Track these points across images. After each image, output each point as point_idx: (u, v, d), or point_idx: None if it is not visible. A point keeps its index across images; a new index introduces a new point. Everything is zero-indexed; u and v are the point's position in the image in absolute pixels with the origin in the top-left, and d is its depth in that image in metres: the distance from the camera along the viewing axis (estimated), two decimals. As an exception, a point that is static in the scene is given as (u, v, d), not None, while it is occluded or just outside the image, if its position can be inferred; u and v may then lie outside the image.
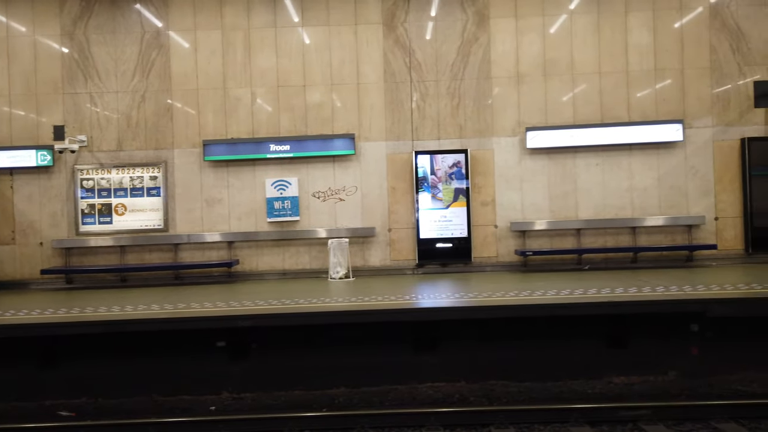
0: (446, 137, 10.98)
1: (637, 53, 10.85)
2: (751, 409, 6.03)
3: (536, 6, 10.90)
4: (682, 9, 10.80)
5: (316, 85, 11.02)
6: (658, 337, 7.54)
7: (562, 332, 7.65)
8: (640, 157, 10.85)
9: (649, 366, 7.53)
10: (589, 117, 10.86)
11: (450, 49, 10.97)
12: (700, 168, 10.80)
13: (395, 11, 10.98)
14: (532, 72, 10.94)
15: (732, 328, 7.39)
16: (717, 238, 10.75)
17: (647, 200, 10.83)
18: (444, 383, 7.53)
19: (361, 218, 11.00)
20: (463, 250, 10.81)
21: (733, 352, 7.44)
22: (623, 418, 6.06)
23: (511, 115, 10.95)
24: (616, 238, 10.87)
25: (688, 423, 5.95)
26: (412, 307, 7.54)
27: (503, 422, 5.99)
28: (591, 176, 10.89)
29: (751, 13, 10.71)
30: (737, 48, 10.73)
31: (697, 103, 10.80)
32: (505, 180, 10.95)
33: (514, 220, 10.89)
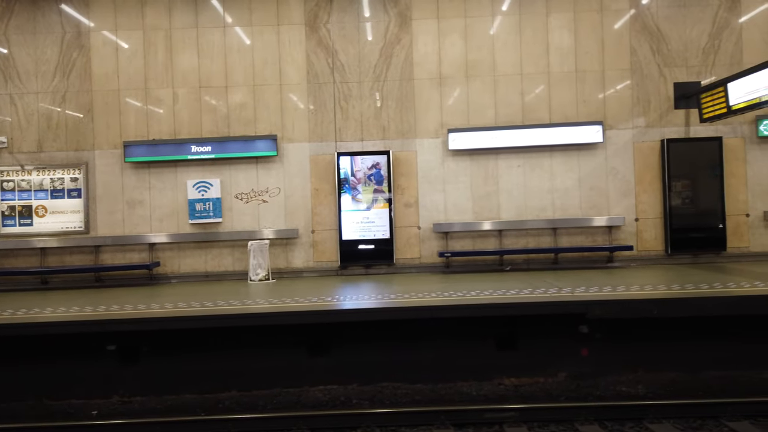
0: (370, 138, 10.97)
1: (559, 55, 10.88)
2: (616, 411, 6.05)
3: (458, 8, 10.90)
4: (603, 11, 10.84)
5: (239, 85, 10.97)
6: (549, 339, 7.55)
7: (457, 333, 7.65)
8: (561, 158, 10.88)
9: (539, 367, 7.54)
10: (511, 118, 10.88)
11: (373, 51, 10.95)
12: (621, 169, 10.84)
13: (318, 12, 10.95)
14: (454, 73, 10.94)
15: (621, 329, 7.43)
16: (637, 239, 10.80)
17: (568, 201, 10.86)
18: (337, 386, 7.51)
19: (285, 220, 10.96)
20: (385, 252, 10.80)
21: (623, 354, 7.48)
22: (489, 420, 6.07)
23: (434, 116, 10.94)
24: (537, 239, 10.89)
25: (552, 425, 5.97)
26: (307, 310, 7.49)
27: (370, 425, 5.98)
28: (513, 177, 10.91)
29: (671, 15, 10.77)
30: (657, 49, 10.78)
31: (618, 104, 10.84)
32: (428, 181, 10.95)
33: (436, 221, 10.89)
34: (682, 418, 5.98)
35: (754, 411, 5.98)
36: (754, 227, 10.71)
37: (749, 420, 5.87)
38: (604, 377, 7.37)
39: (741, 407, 6.01)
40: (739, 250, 10.71)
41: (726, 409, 5.99)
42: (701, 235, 10.61)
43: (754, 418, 5.92)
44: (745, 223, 10.71)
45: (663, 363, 7.47)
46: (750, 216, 10.70)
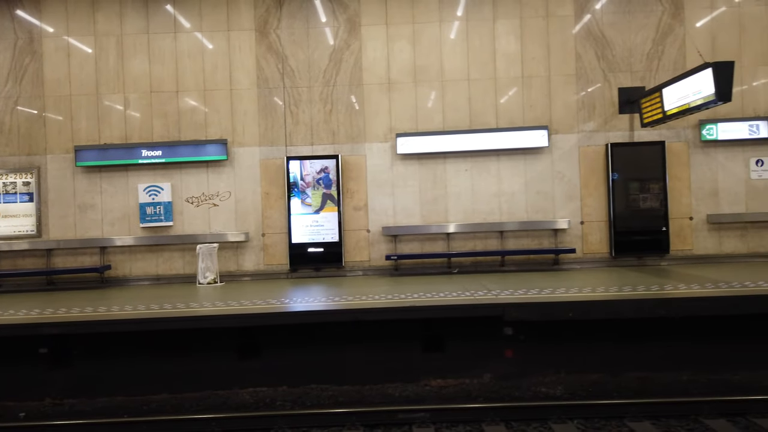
0: (320, 143, 11.09)
1: (505, 60, 11.03)
2: (523, 411, 6.19)
3: (406, 14, 11.04)
4: (549, 17, 10.99)
5: (189, 90, 11.08)
6: (475, 341, 7.68)
7: (385, 336, 7.78)
8: (508, 162, 11.02)
9: (466, 369, 7.67)
10: (459, 123, 11.02)
11: (322, 56, 11.08)
12: (567, 173, 10.99)
13: (268, 18, 11.07)
14: (403, 79, 11.07)
15: (544, 331, 7.57)
16: (583, 242, 10.96)
17: (515, 205, 11.01)
18: (266, 388, 7.63)
19: (235, 223, 11.07)
20: (334, 255, 10.92)
21: (547, 355, 7.62)
22: (400, 421, 6.20)
23: (383, 121, 11.08)
24: (485, 242, 11.03)
25: (461, 425, 6.10)
26: (237, 313, 7.60)
27: (282, 426, 6.10)
28: (461, 181, 11.05)
29: (616, 21, 10.93)
30: (602, 55, 10.95)
31: (564, 109, 10.99)
32: (377, 185, 11.08)
33: (385, 224, 11.02)
34: (588, 419, 6.11)
35: (656, 412, 6.11)
36: (698, 230, 10.87)
37: (650, 421, 6.00)
38: (528, 378, 7.51)
39: (644, 408, 6.15)
40: (683, 253, 10.87)
41: (629, 410, 6.12)
42: (645, 238, 10.76)
43: (657, 419, 6.06)
44: (688, 226, 10.87)
45: (586, 365, 7.62)
46: (694, 219, 10.86)
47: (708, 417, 6.02)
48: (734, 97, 10.19)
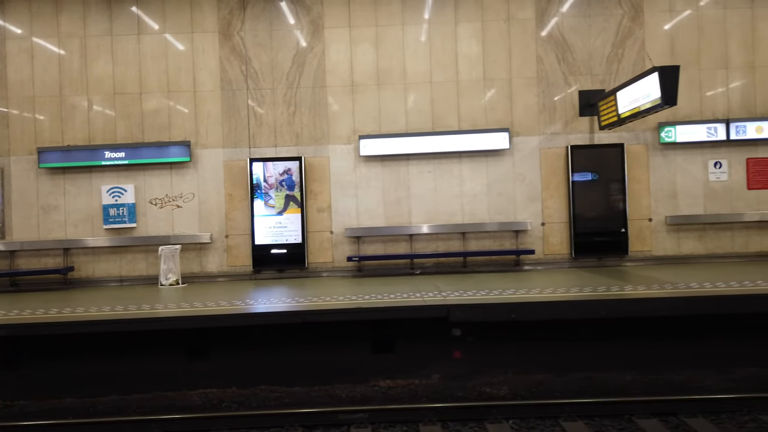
0: (283, 144, 11.14)
1: (467, 63, 11.12)
2: (460, 411, 6.28)
3: (369, 17, 11.11)
4: (510, 20, 11.09)
5: (153, 92, 11.11)
6: (425, 342, 7.77)
7: (338, 337, 7.85)
8: (470, 164, 11.12)
9: (415, 369, 7.75)
10: (421, 125, 11.10)
11: (286, 58, 11.13)
12: (528, 175, 11.10)
13: (231, 20, 11.12)
14: (366, 81, 11.15)
15: (492, 332, 7.66)
16: (544, 243, 11.07)
17: (477, 206, 11.10)
18: (216, 389, 7.68)
19: (199, 225, 11.12)
20: (297, 256, 10.98)
21: (495, 356, 7.71)
22: (340, 421, 6.27)
23: (346, 123, 11.14)
24: (447, 243, 11.12)
25: (399, 425, 6.18)
26: (185, 315, 7.66)
27: (221, 428, 6.16)
28: (423, 183, 11.13)
29: (576, 25, 11.04)
30: (563, 58, 11.05)
31: (525, 112, 11.10)
32: (340, 187, 11.14)
33: (349, 226, 11.09)
34: (523, 419, 6.20)
35: (591, 411, 6.21)
36: (657, 231, 11.01)
37: (584, 420, 6.10)
38: (475, 379, 7.59)
39: (579, 408, 6.25)
40: (642, 254, 11.00)
41: (564, 410, 6.22)
42: (604, 239, 10.89)
43: (591, 418, 6.16)
44: (648, 227, 11.01)
45: (533, 365, 7.71)
46: (653, 220, 11.00)
47: (641, 417, 6.12)
48: (693, 100, 10.41)
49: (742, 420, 6.02)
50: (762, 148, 10.93)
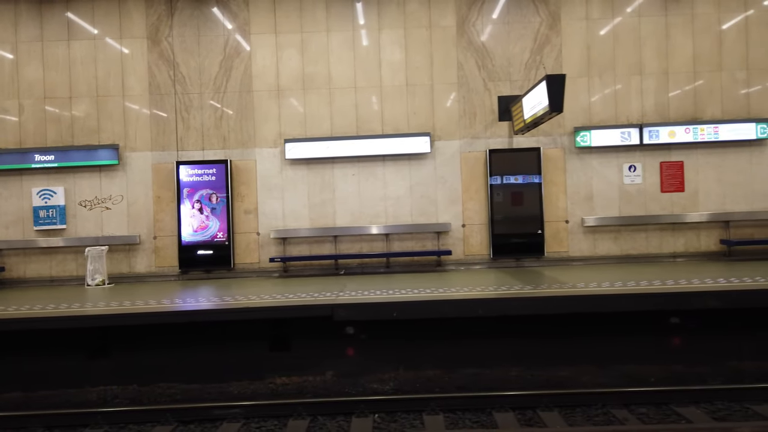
0: (210, 148, 11.41)
1: (390, 69, 11.41)
2: (330, 406, 6.58)
3: (294, 23, 11.39)
4: (432, 27, 11.39)
5: (83, 96, 11.35)
6: (320, 340, 8.04)
7: (236, 336, 8.12)
8: (393, 167, 11.41)
9: (310, 367, 8.04)
10: (346, 129, 11.39)
11: (213, 63, 11.39)
12: (449, 178, 11.40)
13: (159, 26, 11.36)
14: (292, 86, 11.42)
15: (385, 330, 7.95)
16: (464, 244, 11.38)
17: (400, 208, 11.40)
18: (116, 386, 7.94)
19: (128, 226, 11.36)
20: (224, 257, 11.25)
21: (387, 353, 8.00)
22: (215, 417, 6.55)
23: (273, 127, 11.42)
24: (371, 244, 11.41)
25: (271, 420, 6.47)
26: (85, 314, 7.90)
27: (100, 422, 6.43)
28: (348, 185, 11.42)
29: (496, 32, 11.36)
30: (483, 65, 11.36)
31: (446, 116, 11.40)
32: (267, 189, 11.42)
33: (275, 227, 11.36)
34: (389, 413, 6.50)
35: (452, 405, 6.52)
36: (573, 233, 11.34)
37: (445, 414, 6.40)
38: (367, 376, 7.88)
39: (443, 402, 6.56)
40: (559, 255, 11.32)
41: (429, 404, 6.52)
42: (522, 240, 11.21)
43: (453, 412, 6.47)
44: (564, 229, 11.34)
45: (425, 362, 8.01)
46: (569, 222, 11.32)
47: (500, 411, 6.42)
48: (608, 106, 10.77)
49: (593, 413, 6.34)
50: (675, 152, 11.27)
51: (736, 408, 6.31)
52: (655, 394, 6.56)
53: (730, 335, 7.82)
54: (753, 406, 6.29)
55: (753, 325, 7.77)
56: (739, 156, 11.22)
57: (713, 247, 11.23)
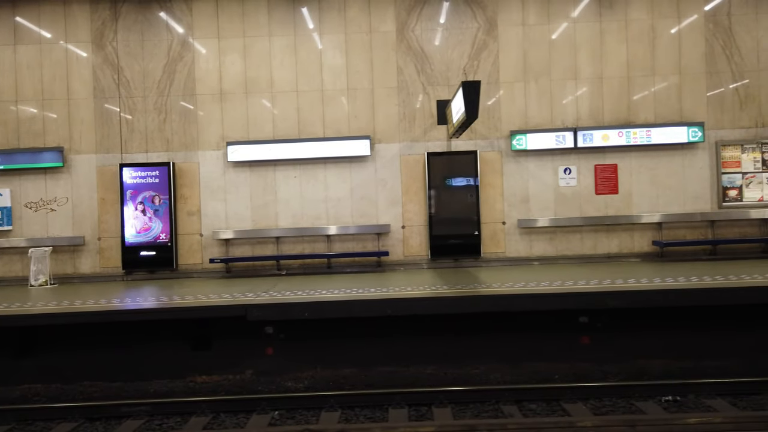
0: (154, 150, 11.60)
1: (332, 73, 11.63)
2: (232, 404, 6.80)
3: (237, 28, 11.59)
4: (372, 33, 11.61)
5: (28, 100, 11.53)
6: (240, 339, 8.26)
7: (158, 335, 8.33)
8: (335, 169, 11.63)
9: (230, 366, 8.25)
10: (288, 132, 11.60)
11: (157, 67, 11.58)
12: (389, 180, 11.63)
13: (104, 31, 11.55)
14: (234, 89, 11.62)
15: (305, 330, 8.18)
16: (404, 245, 11.61)
17: (341, 210, 11.62)
18: (40, 385, 8.13)
19: (72, 228, 11.55)
20: (166, 258, 11.44)
21: (304, 353, 8.23)
22: (122, 413, 6.76)
23: (215, 130, 11.62)
24: (312, 245, 11.63)
25: (175, 416, 6.68)
26: (10, 314, 8.09)
27: (9, 420, 6.63)
28: (290, 188, 11.63)
29: (434, 37, 11.58)
30: (422, 69, 11.59)
31: (386, 120, 11.63)
32: (210, 191, 11.62)
33: (217, 229, 11.56)
34: (290, 410, 6.73)
35: (350, 402, 6.75)
36: (510, 234, 11.58)
37: (342, 410, 6.63)
38: (285, 374, 8.10)
39: (338, 399, 6.79)
40: (496, 255, 11.56)
41: (328, 401, 6.75)
42: (459, 241, 11.44)
43: (351, 408, 6.70)
44: (501, 230, 11.58)
45: (343, 361, 8.24)
46: (506, 224, 11.56)
47: (396, 407, 6.65)
48: (544, 110, 11.02)
49: (484, 409, 6.58)
50: (609, 155, 11.53)
51: (621, 404, 6.55)
52: (546, 390, 6.80)
53: (636, 333, 8.07)
54: (638, 402, 6.53)
55: (658, 325, 8.03)
56: (672, 159, 11.48)
57: (646, 248, 11.48)
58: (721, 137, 11.44)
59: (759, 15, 11.40)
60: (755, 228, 11.42)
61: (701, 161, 11.46)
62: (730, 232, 11.45)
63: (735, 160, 11.46)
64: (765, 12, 11.40)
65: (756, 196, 11.44)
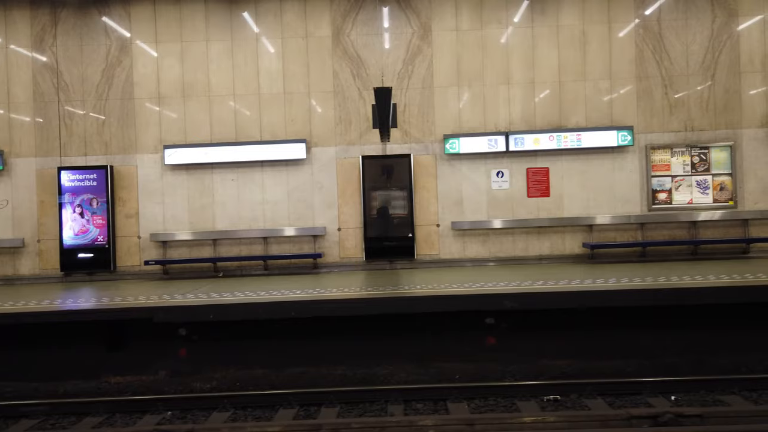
0: (93, 154, 11.76)
1: (268, 77, 11.79)
2: (127, 405, 6.97)
3: (175, 33, 11.75)
4: (308, 37, 11.78)
5: (-33, 104, 11.68)
6: (155, 341, 8.41)
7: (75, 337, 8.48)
8: (271, 173, 11.79)
9: (144, 366, 8.41)
10: (225, 136, 11.76)
11: (96, 72, 11.74)
12: (325, 183, 11.79)
13: (44, 36, 11.70)
14: (172, 94, 11.78)
15: (218, 332, 8.34)
16: (340, 247, 11.78)
17: (278, 212, 11.79)
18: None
19: (12, 230, 11.70)
20: (104, 260, 11.60)
21: (216, 354, 8.39)
22: (20, 413, 6.92)
23: (154, 133, 11.78)
24: (249, 247, 11.80)
25: (72, 416, 6.84)
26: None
27: None
28: (227, 190, 11.79)
29: (369, 42, 11.75)
30: (357, 73, 11.76)
31: (322, 124, 11.80)
32: (148, 194, 11.78)
33: (155, 231, 11.72)
34: (184, 410, 6.90)
35: (243, 402, 6.92)
36: (444, 236, 11.76)
37: (234, 410, 6.80)
38: (196, 375, 8.26)
39: (233, 399, 6.96)
40: (431, 257, 11.75)
41: (222, 402, 6.92)
42: (393, 244, 11.62)
43: (244, 409, 6.87)
44: (436, 232, 11.76)
45: (256, 361, 8.40)
46: (440, 226, 11.75)
47: (286, 407, 6.83)
48: (477, 114, 11.23)
49: (370, 408, 6.76)
50: (541, 159, 11.71)
51: (503, 403, 6.73)
52: (431, 390, 6.99)
53: (539, 334, 8.25)
54: (519, 402, 6.71)
55: (559, 326, 8.22)
56: (603, 163, 11.67)
57: (577, 250, 11.67)
58: (651, 141, 11.63)
59: (688, 21, 11.59)
60: (684, 230, 11.60)
61: (631, 165, 11.65)
62: (659, 234, 11.63)
63: (665, 164, 11.65)
64: (694, 18, 11.58)
65: (685, 199, 11.63)
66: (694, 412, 4.61)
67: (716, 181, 11.61)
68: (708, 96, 11.57)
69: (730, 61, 11.57)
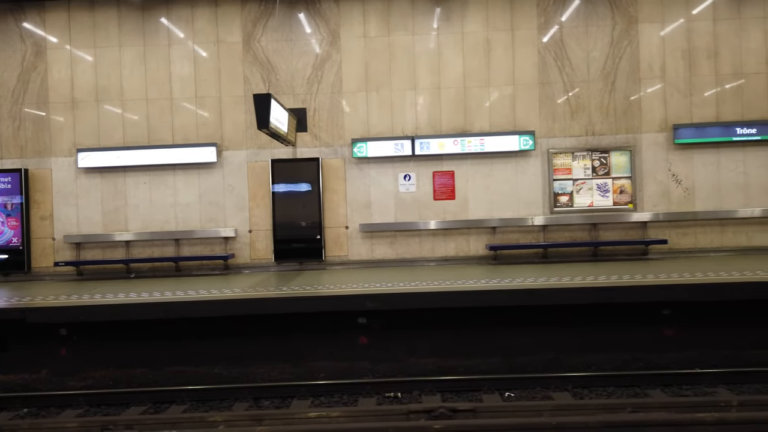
0: (9, 157, 11.98)
1: (180, 82, 12.04)
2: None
3: (88, 38, 11.99)
4: (219, 43, 12.03)
5: None
6: (37, 340, 8.66)
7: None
8: (183, 176, 12.04)
9: (27, 366, 8.65)
10: (138, 139, 12.00)
11: (11, 77, 11.97)
12: (237, 186, 12.05)
13: (-43, 41, 11.91)
14: (86, 98, 12.01)
15: (98, 332, 8.59)
16: (251, 248, 12.04)
17: (190, 214, 12.03)
18: None
19: (-72, 232, 11.89)
20: (19, 262, 11.82)
21: (102, 353, 8.64)
22: None
23: (68, 137, 12.01)
24: (162, 248, 12.04)
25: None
26: None
27: None
28: (140, 193, 12.03)
29: (279, 48, 12.02)
30: (268, 79, 12.01)
31: (233, 128, 12.05)
32: (62, 196, 12.00)
33: (69, 233, 11.95)
34: (41, 407, 7.16)
35: (106, 400, 7.19)
36: (353, 238, 12.03)
37: (91, 407, 7.07)
38: (77, 374, 8.51)
39: (89, 397, 7.22)
40: (340, 258, 12.02)
41: (77, 399, 7.18)
42: (302, 245, 11.89)
43: (108, 405, 7.13)
44: (345, 234, 12.03)
45: (134, 361, 8.65)
46: (349, 228, 12.02)
47: (140, 404, 7.09)
48: (384, 119, 11.53)
49: (220, 406, 7.03)
50: (447, 163, 12.00)
51: (345, 399, 7.01)
52: (277, 388, 7.27)
53: (409, 334, 8.54)
54: (364, 398, 6.98)
55: (425, 326, 8.51)
56: (506, 166, 11.97)
57: (482, 252, 11.96)
58: (553, 145, 11.93)
59: (589, 27, 11.90)
60: (585, 232, 11.91)
61: (533, 168, 11.95)
62: (561, 236, 11.93)
63: (566, 167, 11.95)
64: (595, 24, 11.89)
65: (586, 202, 11.94)
66: (466, 407, 4.88)
67: (616, 185, 11.92)
68: (608, 101, 11.88)
69: (630, 67, 11.88)
